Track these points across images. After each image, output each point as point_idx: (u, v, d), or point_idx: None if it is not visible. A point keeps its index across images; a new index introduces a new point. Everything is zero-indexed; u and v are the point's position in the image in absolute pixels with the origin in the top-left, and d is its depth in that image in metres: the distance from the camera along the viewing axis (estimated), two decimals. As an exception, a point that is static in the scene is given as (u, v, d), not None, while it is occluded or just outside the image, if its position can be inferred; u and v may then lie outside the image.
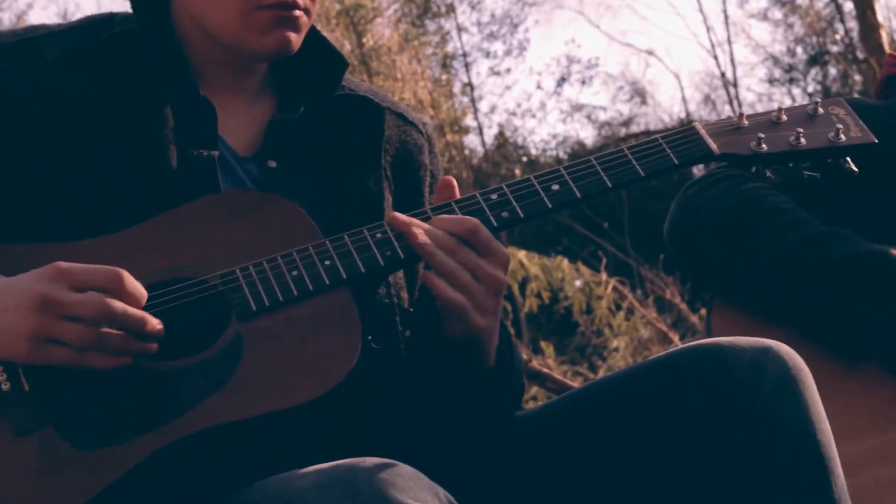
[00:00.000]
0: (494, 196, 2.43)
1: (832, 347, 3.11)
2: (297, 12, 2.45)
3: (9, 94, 2.40)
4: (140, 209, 2.34)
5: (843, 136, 2.57)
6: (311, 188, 2.51)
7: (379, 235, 2.36)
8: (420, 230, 2.33)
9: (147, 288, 2.22)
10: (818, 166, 2.60)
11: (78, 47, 2.47)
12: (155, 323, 2.18)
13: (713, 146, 2.53)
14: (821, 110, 2.62)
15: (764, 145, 2.54)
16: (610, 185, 2.45)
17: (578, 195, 2.44)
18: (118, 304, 2.14)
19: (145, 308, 2.20)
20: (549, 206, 2.42)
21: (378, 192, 2.58)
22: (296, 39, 2.48)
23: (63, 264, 2.15)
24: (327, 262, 2.31)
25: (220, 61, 2.55)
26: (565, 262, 13.34)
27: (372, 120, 2.64)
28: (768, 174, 2.56)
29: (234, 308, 2.26)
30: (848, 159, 2.58)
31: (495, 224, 2.40)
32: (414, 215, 2.39)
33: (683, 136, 2.54)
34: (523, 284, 13.21)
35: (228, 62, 2.55)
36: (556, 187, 2.44)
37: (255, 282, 2.28)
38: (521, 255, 13.44)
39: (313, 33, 2.61)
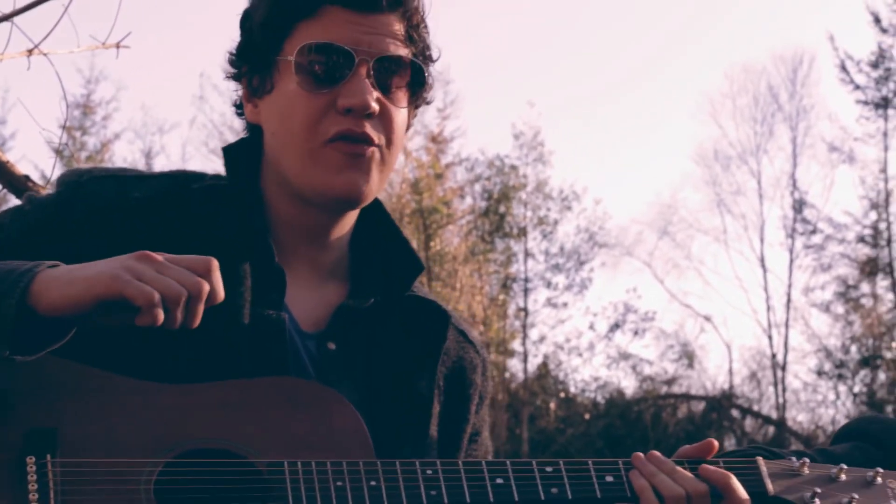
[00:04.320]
0: (549, 469, 2.41)
1: None
2: (369, 153, 2.47)
3: (87, 224, 2.41)
4: (207, 359, 2.33)
5: None
6: (364, 378, 2.51)
7: (430, 472, 2.32)
8: (662, 479, 2.38)
9: (199, 452, 2.23)
10: None
11: (165, 192, 2.48)
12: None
13: (769, 487, 2.51)
14: (879, 480, 2.60)
15: (817, 500, 2.52)
16: None
17: (629, 494, 2.42)
18: (206, 285, 2.14)
19: (191, 472, 2.20)
20: (598, 495, 2.41)
21: (428, 398, 2.56)
22: (366, 186, 2.49)
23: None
24: (373, 483, 2.28)
25: (300, 229, 2.56)
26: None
27: (436, 325, 2.63)
28: None
29: (272, 500, 2.24)
30: None
31: (542, 497, 2.38)
32: (467, 465, 2.37)
33: (744, 465, 2.52)
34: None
35: (307, 230, 2.56)
36: (609, 479, 2.42)
37: (299, 480, 2.25)
38: None
39: (397, 232, 2.65)
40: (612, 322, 32.60)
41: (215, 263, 2.16)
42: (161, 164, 31.44)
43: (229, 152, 2.60)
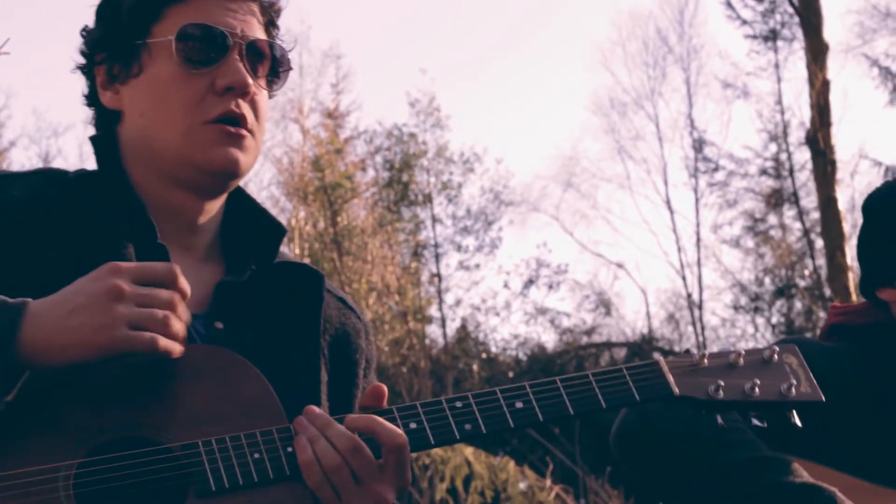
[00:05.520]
0: (459, 404, 2.41)
1: None
2: (244, 132, 2.54)
3: None
4: None
5: (793, 391, 2.60)
6: (255, 353, 2.50)
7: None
8: (310, 446, 2.29)
9: (113, 443, 2.21)
10: (766, 416, 2.62)
11: (45, 186, 2.51)
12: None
13: (674, 387, 2.54)
14: (776, 357, 2.65)
15: (721, 392, 2.56)
16: (572, 412, 2.46)
17: (540, 418, 2.44)
18: (178, 298, 2.25)
19: (111, 467, 2.19)
20: (511, 424, 2.42)
21: (315, 366, 2.59)
22: (243, 159, 2.55)
23: (116, 262, 2.23)
24: (290, 449, 2.28)
25: (170, 213, 2.58)
26: (511, 464, 13.28)
27: (311, 287, 2.68)
28: (719, 420, 2.59)
29: (193, 483, 2.22)
30: (794, 413, 2.62)
31: (458, 437, 2.39)
32: (380, 413, 2.35)
33: (647, 370, 2.55)
34: (467, 481, 13.13)
35: (177, 214, 2.59)
36: (519, 405, 2.43)
37: (216, 459, 2.24)
38: (468, 451, 13.40)
39: (252, 203, 2.72)
40: (526, 278, 32.79)
41: (177, 270, 2.27)
42: (60, 167, 31.15)
43: (98, 142, 2.64)
